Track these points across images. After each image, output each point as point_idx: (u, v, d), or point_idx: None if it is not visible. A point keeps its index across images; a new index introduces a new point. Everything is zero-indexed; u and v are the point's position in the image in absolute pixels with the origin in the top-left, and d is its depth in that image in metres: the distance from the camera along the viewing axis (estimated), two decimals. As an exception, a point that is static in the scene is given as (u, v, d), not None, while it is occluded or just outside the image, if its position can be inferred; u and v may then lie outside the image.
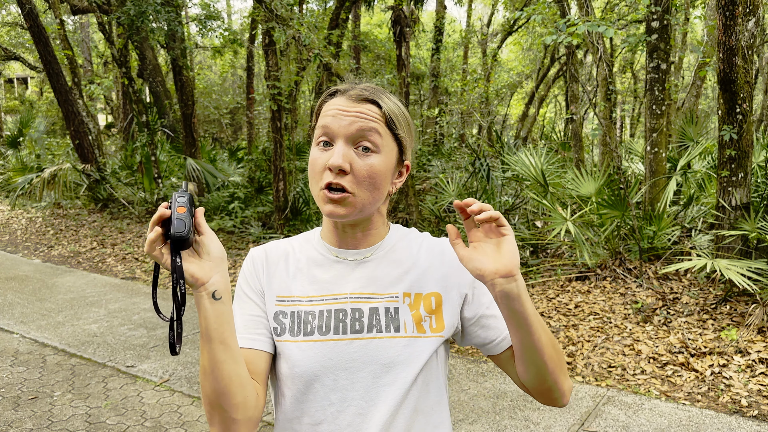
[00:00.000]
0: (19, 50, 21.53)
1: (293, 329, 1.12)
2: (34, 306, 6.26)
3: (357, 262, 1.16)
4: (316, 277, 1.16)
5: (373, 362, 1.08)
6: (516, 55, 24.14)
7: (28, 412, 3.88)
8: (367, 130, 1.06)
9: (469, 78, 17.11)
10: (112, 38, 11.26)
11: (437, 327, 1.12)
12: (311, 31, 7.89)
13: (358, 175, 1.06)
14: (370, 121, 1.07)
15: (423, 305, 1.13)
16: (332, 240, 1.18)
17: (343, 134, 1.06)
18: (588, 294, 5.96)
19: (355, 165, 1.06)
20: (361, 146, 1.07)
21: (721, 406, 3.87)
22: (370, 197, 1.08)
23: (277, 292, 1.16)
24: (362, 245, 1.17)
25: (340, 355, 1.08)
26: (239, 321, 1.14)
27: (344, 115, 1.07)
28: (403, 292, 1.13)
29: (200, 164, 11.16)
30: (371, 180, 1.07)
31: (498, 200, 7.66)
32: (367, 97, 1.09)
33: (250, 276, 1.19)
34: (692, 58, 16.61)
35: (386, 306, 1.12)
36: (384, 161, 1.09)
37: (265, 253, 1.21)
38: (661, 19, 6.80)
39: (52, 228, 10.74)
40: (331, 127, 1.07)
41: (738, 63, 5.27)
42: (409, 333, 1.09)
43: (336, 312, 1.11)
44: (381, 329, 1.09)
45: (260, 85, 20.23)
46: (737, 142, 5.45)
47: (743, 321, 4.94)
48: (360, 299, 1.12)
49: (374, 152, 1.07)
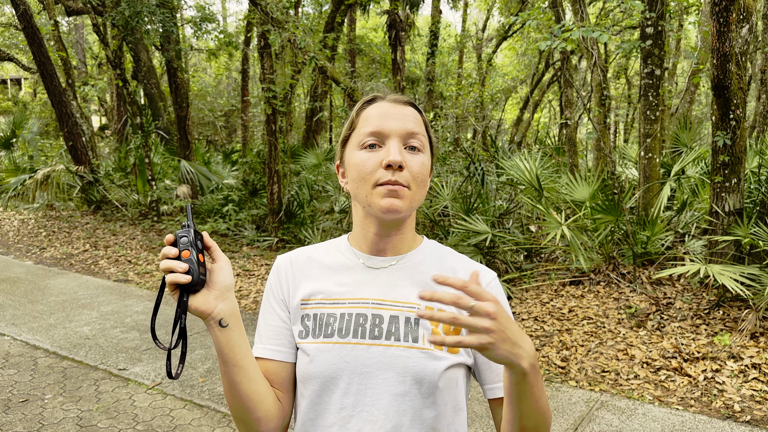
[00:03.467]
0: (13, 51, 21.44)
1: (315, 331, 1.13)
2: (26, 308, 6.21)
3: (383, 269, 1.16)
4: (341, 280, 1.17)
5: (389, 370, 1.08)
6: (511, 60, 24.23)
7: (18, 415, 3.85)
8: (416, 131, 1.11)
9: (464, 82, 17.13)
10: (107, 40, 11.21)
11: (454, 348, 1.10)
12: (307, 34, 7.89)
13: (413, 171, 1.09)
14: (416, 123, 1.12)
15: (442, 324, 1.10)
16: (362, 245, 1.19)
17: (397, 133, 1.10)
18: (582, 298, 5.97)
19: (408, 162, 1.09)
20: (410, 145, 1.11)
21: (714, 411, 3.88)
22: (419, 194, 1.11)
23: (302, 296, 1.17)
24: (391, 251, 1.17)
25: (357, 359, 1.09)
26: (263, 331, 1.19)
27: (393, 117, 1.11)
28: (425, 306, 1.12)
29: (194, 167, 11.13)
30: (422, 177, 1.11)
31: (492, 204, 7.66)
32: (408, 101, 1.15)
33: (275, 286, 1.21)
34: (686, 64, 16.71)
35: (407, 316, 1.11)
36: (427, 161, 1.13)
37: (290, 260, 1.23)
38: (655, 25, 6.83)
39: (44, 230, 10.68)
40: (382, 127, 1.10)
41: (731, 69, 5.30)
42: (427, 346, 1.08)
43: (357, 316, 1.12)
44: (399, 338, 1.09)
45: (255, 87, 20.21)
46: (730, 148, 5.48)
47: (736, 326, 4.95)
48: (381, 305, 1.12)
49: (421, 152, 1.12)
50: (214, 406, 4.01)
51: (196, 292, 1.00)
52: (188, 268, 0.97)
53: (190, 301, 0.99)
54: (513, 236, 7.21)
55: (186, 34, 18.17)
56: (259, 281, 7.38)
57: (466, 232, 6.67)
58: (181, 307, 0.99)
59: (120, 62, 10.98)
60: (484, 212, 7.39)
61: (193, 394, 4.21)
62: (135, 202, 11.80)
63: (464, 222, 6.72)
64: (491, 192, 7.92)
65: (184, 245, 0.98)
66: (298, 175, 11.11)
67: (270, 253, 8.76)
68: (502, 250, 6.92)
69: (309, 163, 11.63)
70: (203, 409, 3.99)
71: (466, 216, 6.86)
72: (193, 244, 0.98)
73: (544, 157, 8.24)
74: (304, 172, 11.38)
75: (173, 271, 0.97)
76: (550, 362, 4.72)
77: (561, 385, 4.34)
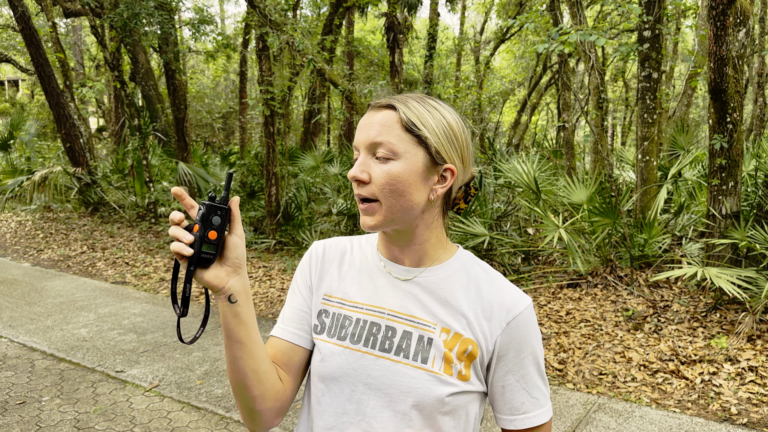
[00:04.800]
0: (11, 52, 21.43)
1: (330, 329, 1.14)
2: (23, 310, 6.20)
3: (404, 280, 1.13)
4: (363, 283, 1.16)
5: (393, 386, 1.06)
6: (508, 63, 24.26)
7: (15, 417, 3.84)
8: (380, 140, 1.04)
9: (462, 85, 17.16)
10: (105, 41, 11.21)
11: (466, 375, 1.07)
12: (305, 36, 7.89)
13: (378, 182, 1.04)
14: (383, 129, 1.05)
15: (458, 348, 1.07)
16: (383, 251, 1.17)
17: (363, 145, 1.07)
18: (579, 301, 5.98)
19: (372, 173, 1.05)
20: (377, 155, 1.05)
21: (711, 413, 3.88)
22: (396, 204, 1.05)
23: (325, 291, 1.18)
24: (409, 262, 1.14)
25: (364, 368, 1.08)
26: (287, 312, 1.20)
27: (365, 127, 1.07)
28: (441, 327, 1.08)
29: (192, 168, 11.12)
30: (392, 187, 1.04)
31: (490, 207, 7.67)
32: (385, 103, 1.08)
33: (305, 270, 1.22)
34: (683, 67, 16.76)
35: (420, 334, 1.08)
36: (405, 166, 1.04)
37: (323, 250, 1.23)
38: (652, 29, 6.85)
39: (42, 231, 10.67)
40: (356, 140, 1.08)
41: (728, 72, 5.32)
42: (435, 369, 1.05)
43: (371, 324, 1.11)
44: (408, 355, 1.07)
45: (253, 89, 20.21)
46: (727, 151, 5.49)
47: (733, 329, 4.97)
48: (397, 318, 1.10)
49: (391, 159, 1.04)
50: (211, 409, 4.01)
51: (206, 266, 1.00)
52: (192, 242, 0.97)
53: (202, 274, 1.00)
54: (511, 239, 7.22)
55: (184, 36, 18.17)
56: (257, 283, 7.37)
57: (464, 235, 6.68)
58: (186, 277, 1.00)
59: (118, 64, 10.97)
60: (481, 215, 7.40)
61: (191, 396, 4.20)
62: (132, 203, 11.79)
63: (462, 224, 6.73)
64: (489, 194, 7.93)
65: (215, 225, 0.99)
66: (296, 177, 11.12)
67: (268, 255, 8.76)
68: (499, 252, 6.94)
69: (307, 165, 11.64)
70: (201, 411, 3.99)
71: (464, 218, 6.87)
72: (205, 219, 0.98)
73: (542, 160, 8.26)
74: (302, 174, 11.40)
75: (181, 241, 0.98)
76: (548, 365, 4.72)
77: (558, 387, 4.35)
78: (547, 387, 1.13)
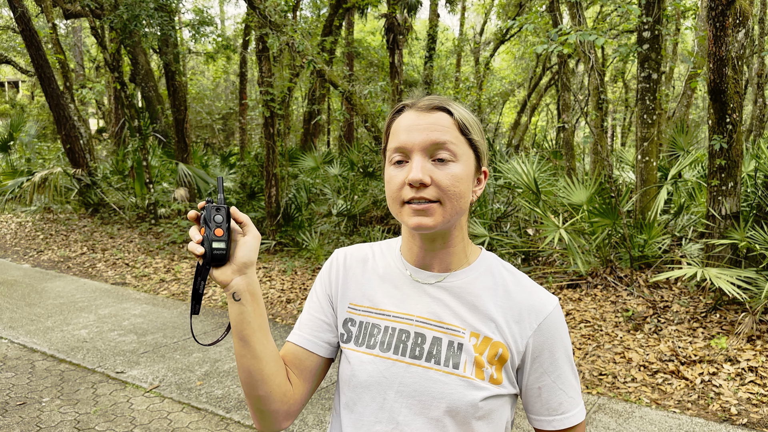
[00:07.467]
0: (11, 54, 21.43)
1: (358, 338, 1.14)
2: (23, 311, 6.20)
3: (430, 285, 1.12)
4: (388, 291, 1.15)
5: (426, 393, 1.06)
6: (508, 64, 24.28)
7: (16, 418, 3.85)
8: (442, 140, 1.03)
9: (462, 86, 17.16)
10: (105, 42, 11.22)
11: (497, 378, 1.07)
12: (305, 37, 7.90)
13: (441, 185, 1.02)
14: (444, 131, 1.04)
15: (488, 352, 1.07)
16: (409, 257, 1.15)
17: (419, 148, 1.03)
18: (579, 302, 5.98)
19: (435, 176, 1.03)
20: (438, 157, 1.03)
21: (711, 414, 3.89)
22: (456, 206, 1.05)
23: (351, 300, 1.18)
24: (438, 267, 1.13)
25: (396, 376, 1.08)
26: (304, 318, 1.21)
27: (417, 129, 1.04)
28: (471, 332, 1.08)
29: (192, 169, 11.13)
30: (455, 188, 1.03)
31: (490, 207, 7.68)
32: (437, 105, 1.06)
33: (325, 279, 1.23)
34: (683, 68, 16.77)
35: (450, 339, 1.08)
36: (463, 168, 1.05)
37: (344, 258, 1.23)
38: (652, 30, 6.86)
39: (42, 232, 10.67)
40: (405, 142, 1.04)
41: (728, 73, 5.32)
42: (467, 374, 1.05)
43: (400, 332, 1.10)
44: (440, 361, 1.06)
45: (253, 90, 20.24)
46: (727, 152, 5.50)
47: (733, 329, 4.97)
48: (425, 325, 1.10)
49: (452, 161, 1.04)
50: (211, 410, 4.01)
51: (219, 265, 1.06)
52: (201, 241, 1.04)
53: (212, 270, 1.06)
54: (511, 239, 7.22)
55: (184, 37, 18.17)
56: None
57: (464, 236, 6.67)
58: (200, 274, 1.07)
59: (118, 65, 10.98)
60: (481, 215, 7.41)
61: (191, 397, 4.20)
62: (132, 205, 11.79)
63: (462, 225, 6.73)
64: (489, 195, 7.94)
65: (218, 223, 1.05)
66: (295, 178, 11.13)
67: (268, 257, 8.76)
68: (499, 253, 6.94)
69: (307, 166, 11.64)
70: (201, 412, 3.99)
71: (464, 219, 6.86)
72: (208, 220, 1.04)
73: (542, 161, 8.26)
74: (302, 175, 11.40)
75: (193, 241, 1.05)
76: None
77: (558, 388, 4.35)
78: (579, 383, 1.14)
